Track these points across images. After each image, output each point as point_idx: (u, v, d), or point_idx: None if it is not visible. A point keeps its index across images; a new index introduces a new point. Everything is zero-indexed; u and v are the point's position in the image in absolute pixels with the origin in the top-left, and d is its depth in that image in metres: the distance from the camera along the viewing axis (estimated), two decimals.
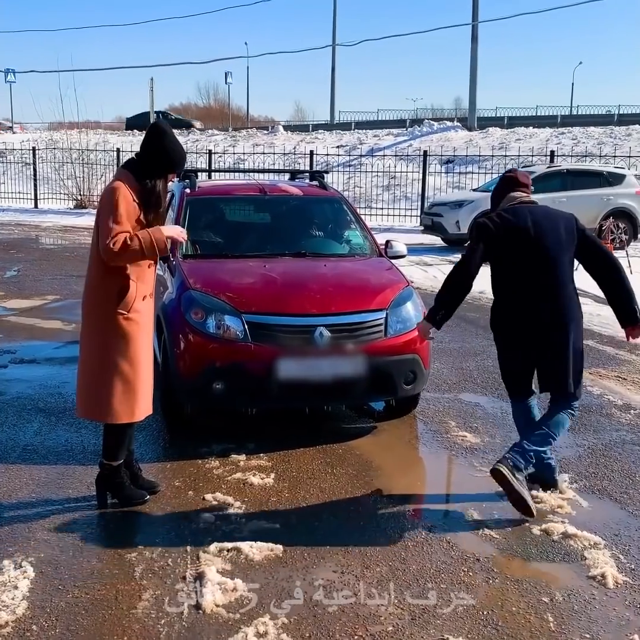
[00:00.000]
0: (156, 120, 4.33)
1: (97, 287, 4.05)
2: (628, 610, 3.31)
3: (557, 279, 4.29)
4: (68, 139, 26.14)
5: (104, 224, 3.89)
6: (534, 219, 4.30)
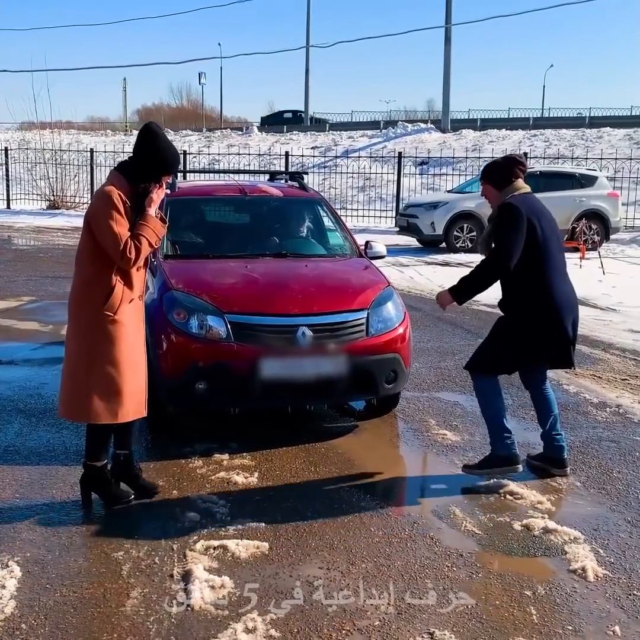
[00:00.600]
0: (148, 122, 4.30)
1: (84, 289, 4.02)
2: (608, 603, 3.38)
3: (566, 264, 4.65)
4: (41, 139, 25.93)
5: (108, 229, 3.86)
6: (543, 206, 4.60)
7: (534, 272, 4.45)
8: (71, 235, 19.06)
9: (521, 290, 4.50)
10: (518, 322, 4.54)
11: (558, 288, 4.50)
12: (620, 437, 5.45)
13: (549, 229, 4.51)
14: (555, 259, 4.52)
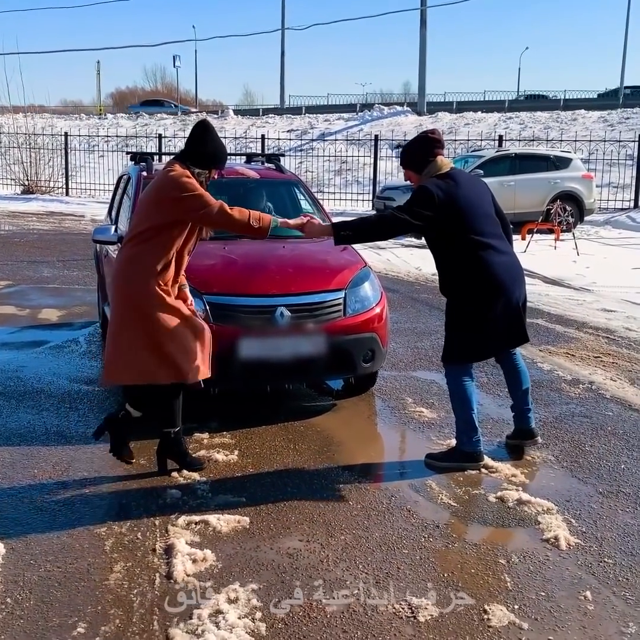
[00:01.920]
0: (203, 119, 4.49)
1: (137, 262, 4.14)
2: (580, 570, 3.49)
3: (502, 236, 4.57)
4: (14, 123, 25.67)
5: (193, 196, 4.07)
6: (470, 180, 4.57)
7: (462, 250, 4.38)
8: (46, 220, 18.97)
9: (455, 272, 4.44)
10: (460, 305, 4.48)
11: (492, 262, 4.38)
12: (592, 412, 5.57)
13: (473, 206, 4.39)
14: (483, 234, 4.39)
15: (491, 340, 4.53)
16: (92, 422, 5.19)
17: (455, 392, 4.62)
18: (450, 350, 4.60)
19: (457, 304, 4.50)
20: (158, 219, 4.13)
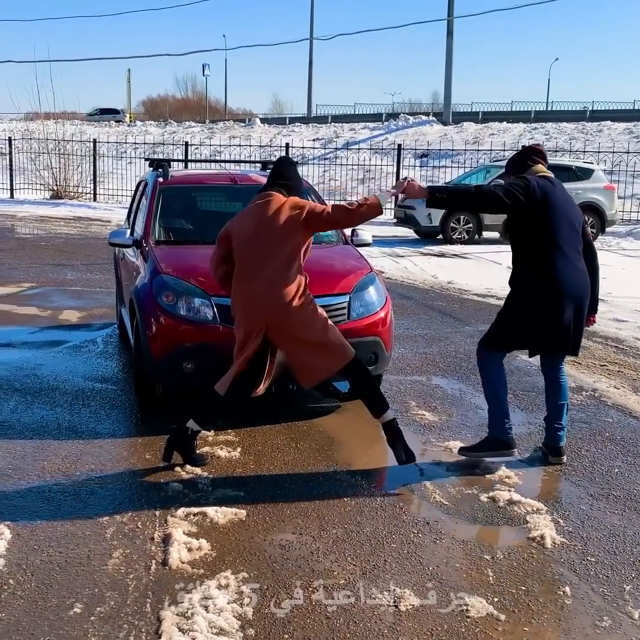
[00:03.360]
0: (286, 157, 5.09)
1: (295, 280, 4.46)
2: (562, 567, 3.59)
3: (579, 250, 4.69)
4: (44, 129, 26.14)
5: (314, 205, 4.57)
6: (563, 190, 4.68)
7: (536, 251, 4.54)
8: (73, 225, 19.32)
9: (524, 269, 4.61)
10: (517, 300, 4.65)
11: (560, 268, 4.51)
12: (592, 418, 5.66)
13: (561, 212, 4.54)
14: (562, 242, 4.53)
15: (534, 337, 4.66)
16: (102, 418, 5.39)
17: (489, 379, 4.78)
18: (494, 334, 4.79)
19: (516, 295, 4.67)
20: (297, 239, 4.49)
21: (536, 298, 4.56)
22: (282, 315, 4.40)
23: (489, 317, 9.03)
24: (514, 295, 4.70)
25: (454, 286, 11.29)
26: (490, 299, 10.32)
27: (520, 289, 4.65)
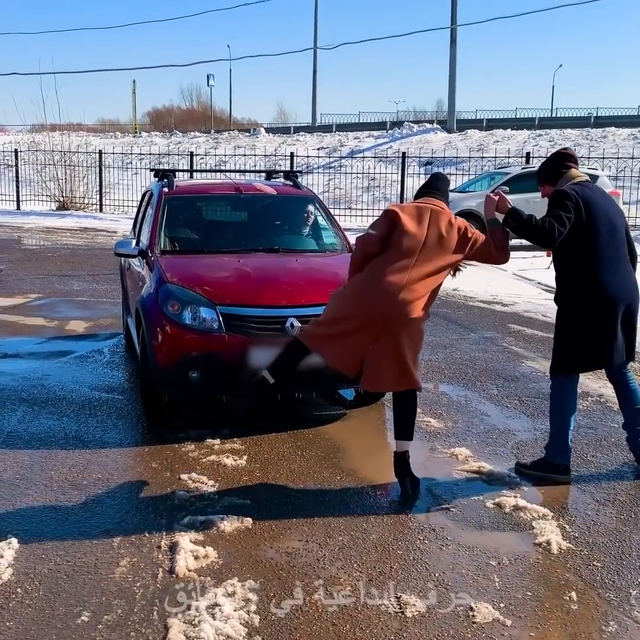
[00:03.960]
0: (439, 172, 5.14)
1: (430, 292, 4.44)
2: (568, 572, 3.60)
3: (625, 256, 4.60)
4: (50, 141, 26.26)
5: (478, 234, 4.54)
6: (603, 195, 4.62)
7: (580, 262, 4.44)
8: (79, 236, 19.39)
9: (568, 282, 4.51)
10: (570, 316, 4.54)
11: (606, 280, 4.41)
12: (598, 424, 5.66)
13: (603, 218, 4.45)
14: (606, 249, 4.44)
15: (593, 353, 4.55)
16: (109, 428, 5.41)
17: (556, 402, 4.69)
18: (556, 360, 4.68)
19: (566, 313, 4.57)
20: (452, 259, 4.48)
21: (588, 310, 4.45)
22: (403, 316, 4.31)
23: (494, 324, 9.07)
24: (564, 312, 4.57)
25: (459, 293, 11.30)
26: (495, 306, 10.34)
27: (569, 303, 4.53)
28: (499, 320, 9.41)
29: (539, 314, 9.70)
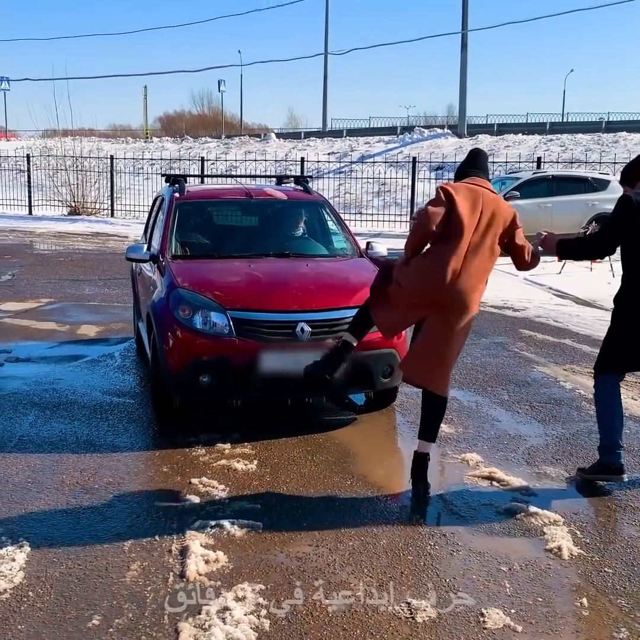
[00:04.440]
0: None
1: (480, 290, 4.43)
2: (580, 579, 3.58)
3: None
4: (62, 146, 26.40)
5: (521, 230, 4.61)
6: None
7: (631, 262, 4.51)
8: (91, 240, 19.47)
9: (624, 283, 4.57)
10: (619, 315, 4.61)
11: None
12: None
13: None
14: None
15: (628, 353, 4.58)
16: (120, 432, 5.43)
17: (603, 402, 4.69)
18: (605, 354, 4.70)
19: (618, 310, 4.62)
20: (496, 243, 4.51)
21: (631, 311, 4.50)
22: (459, 303, 4.31)
23: (505, 329, 9.05)
24: (616, 310, 4.63)
25: None
26: (506, 311, 10.31)
27: (620, 302, 4.59)
28: (510, 325, 9.38)
29: (550, 319, 9.68)
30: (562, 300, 11.09)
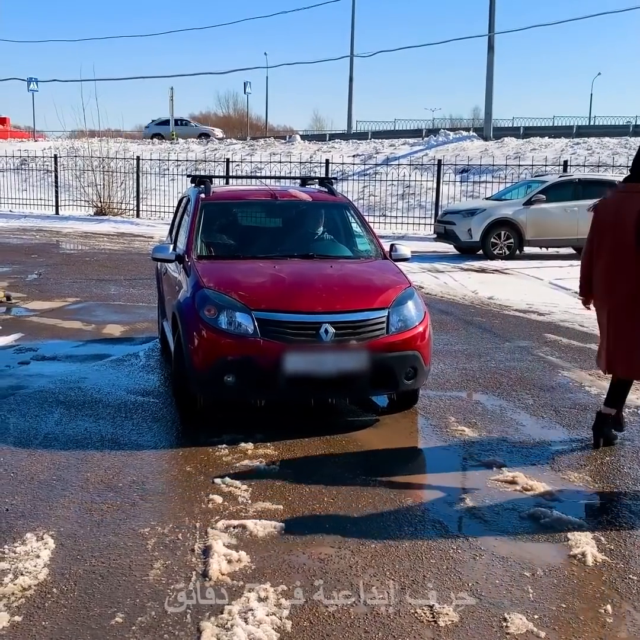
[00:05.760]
0: None
1: None
2: (604, 585, 3.55)
3: None
4: (89, 147, 26.62)
5: None
6: None
7: None
8: (116, 241, 19.61)
9: None
10: None
11: None
12: (635, 435, 5.58)
13: None
14: None
15: None
16: (144, 431, 5.46)
17: None
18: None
19: None
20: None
21: None
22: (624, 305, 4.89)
23: (529, 334, 9.00)
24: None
25: (494, 302, 11.23)
26: (531, 315, 10.25)
27: None
28: (535, 329, 9.33)
29: (576, 324, 9.60)
30: None
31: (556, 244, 16.73)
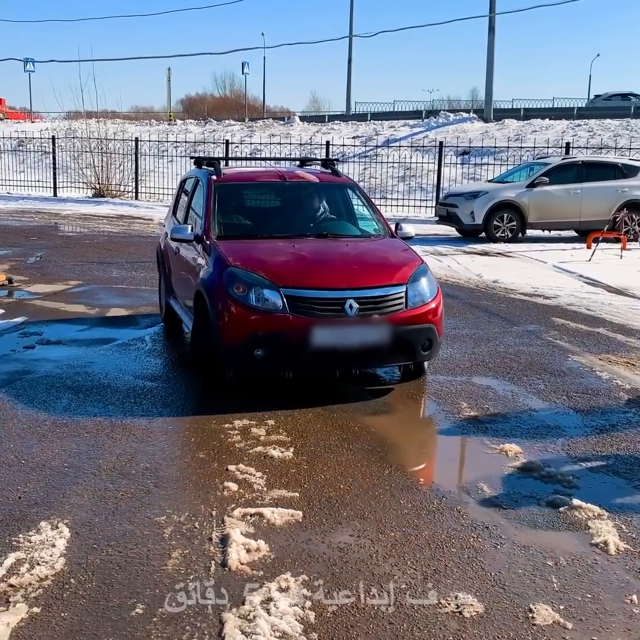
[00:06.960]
0: None
1: None
2: (628, 574, 3.51)
3: None
4: (87, 128, 26.38)
5: None
6: None
7: None
8: (116, 223, 19.48)
9: None
10: None
11: None
12: None
13: None
14: None
15: None
16: (155, 417, 5.40)
17: None
18: None
19: None
20: None
21: None
22: None
23: (537, 317, 8.94)
24: None
25: (499, 285, 11.17)
26: (537, 299, 10.18)
27: None
28: (542, 313, 9.26)
29: (583, 307, 9.54)
30: (594, 289, 10.92)
31: (559, 227, 16.66)
